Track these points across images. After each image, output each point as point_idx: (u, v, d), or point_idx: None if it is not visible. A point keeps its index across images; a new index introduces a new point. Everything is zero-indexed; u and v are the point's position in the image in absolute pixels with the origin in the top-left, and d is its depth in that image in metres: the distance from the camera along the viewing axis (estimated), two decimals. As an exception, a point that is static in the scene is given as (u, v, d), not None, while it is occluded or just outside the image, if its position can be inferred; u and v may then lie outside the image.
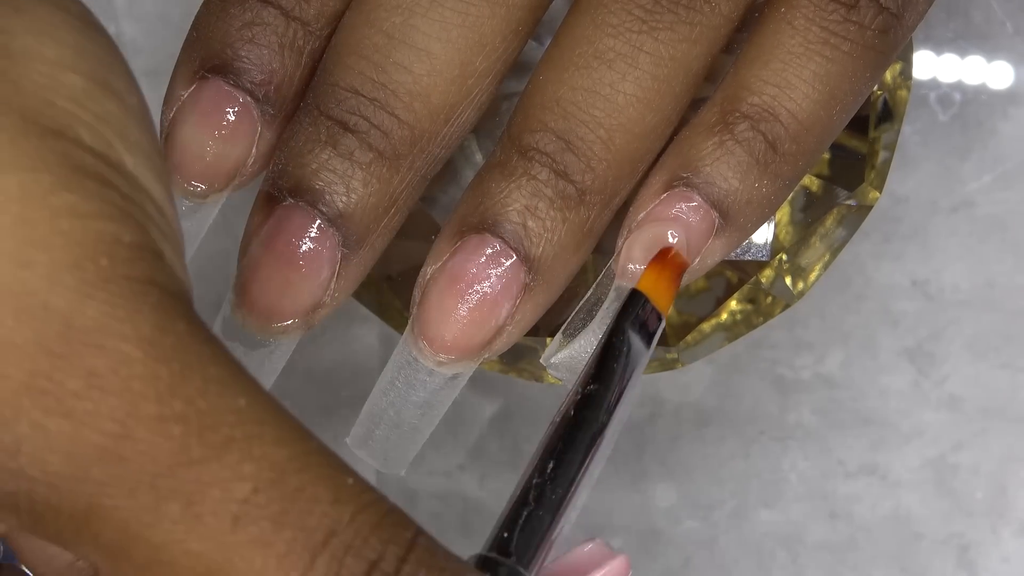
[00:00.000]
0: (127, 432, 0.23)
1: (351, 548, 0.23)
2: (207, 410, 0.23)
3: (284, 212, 0.32)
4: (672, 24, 0.31)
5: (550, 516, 0.27)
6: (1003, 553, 0.43)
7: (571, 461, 0.28)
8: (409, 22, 0.31)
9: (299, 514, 0.23)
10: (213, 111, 0.32)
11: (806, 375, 0.44)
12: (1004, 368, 0.44)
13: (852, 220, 0.37)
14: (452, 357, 0.32)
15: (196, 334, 0.24)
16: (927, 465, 0.44)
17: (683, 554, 0.44)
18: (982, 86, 0.45)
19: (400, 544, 0.23)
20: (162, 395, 0.23)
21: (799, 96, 0.32)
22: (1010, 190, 0.44)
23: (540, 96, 0.32)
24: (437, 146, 0.32)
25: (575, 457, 0.29)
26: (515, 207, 0.32)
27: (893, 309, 0.44)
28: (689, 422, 0.44)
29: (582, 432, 0.29)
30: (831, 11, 0.32)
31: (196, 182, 0.32)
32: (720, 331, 0.37)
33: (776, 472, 0.44)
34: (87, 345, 0.23)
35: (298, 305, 0.32)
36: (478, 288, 0.32)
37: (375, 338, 0.44)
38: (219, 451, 0.23)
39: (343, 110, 0.31)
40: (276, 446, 0.23)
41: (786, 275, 0.37)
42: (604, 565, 0.27)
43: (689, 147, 0.32)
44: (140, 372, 0.23)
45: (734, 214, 0.32)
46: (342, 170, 0.31)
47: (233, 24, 0.32)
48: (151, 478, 0.23)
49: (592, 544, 0.28)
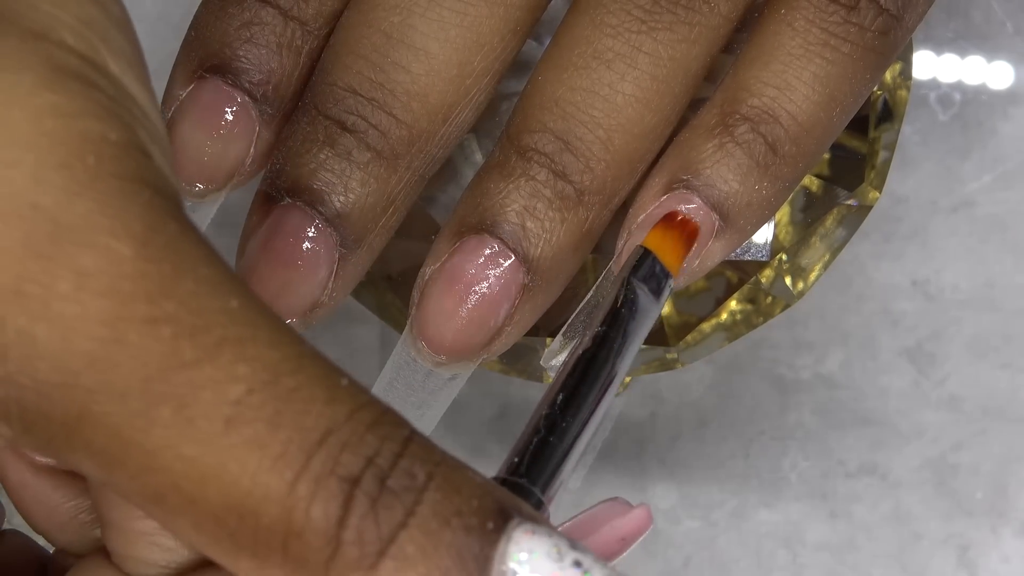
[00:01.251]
0: (117, 336, 0.22)
1: (348, 445, 0.22)
2: (199, 311, 0.23)
3: (282, 212, 0.32)
4: (671, 24, 0.31)
5: (560, 443, 0.27)
6: (1003, 553, 0.43)
7: (582, 394, 0.28)
8: (407, 22, 0.31)
9: (295, 414, 0.22)
10: (211, 111, 0.32)
11: (806, 375, 0.44)
12: (1004, 368, 0.44)
13: (852, 220, 0.37)
14: (451, 358, 0.32)
15: (187, 234, 0.23)
16: (927, 465, 0.44)
17: (683, 554, 0.44)
18: (982, 86, 0.45)
19: (396, 440, 0.23)
20: (153, 295, 0.22)
21: (799, 98, 0.32)
22: (1010, 190, 0.44)
23: (539, 96, 0.32)
24: (435, 146, 0.32)
25: (585, 391, 0.28)
26: (514, 208, 0.32)
27: (893, 309, 0.44)
28: (689, 422, 0.44)
29: (592, 369, 0.29)
30: (831, 13, 0.32)
31: (195, 182, 0.32)
32: (720, 331, 0.37)
33: (776, 472, 0.44)
34: (76, 244, 0.22)
35: (296, 305, 0.32)
36: (477, 289, 0.32)
37: (375, 338, 0.44)
38: (212, 352, 0.22)
39: (341, 110, 0.31)
40: (270, 347, 0.23)
41: (786, 275, 0.37)
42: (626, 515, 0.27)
43: (689, 149, 0.32)
44: (130, 271, 0.22)
45: (734, 216, 0.32)
46: (340, 170, 0.31)
47: (231, 24, 0.32)
48: (142, 383, 0.22)
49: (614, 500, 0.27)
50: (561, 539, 0.23)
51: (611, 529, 0.27)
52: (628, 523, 0.27)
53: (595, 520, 0.27)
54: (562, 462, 0.27)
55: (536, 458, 0.27)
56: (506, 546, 0.23)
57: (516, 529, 0.23)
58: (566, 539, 0.23)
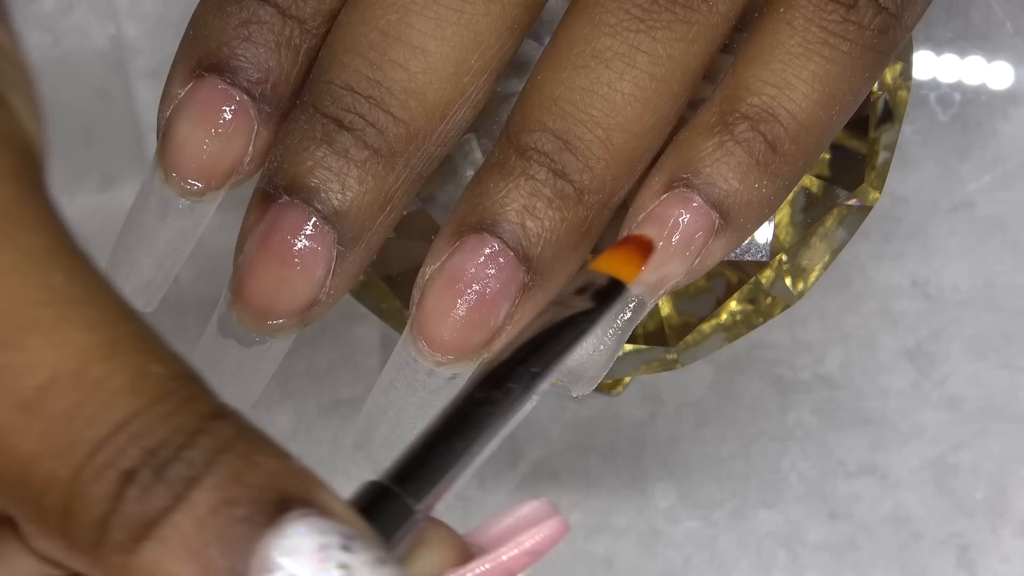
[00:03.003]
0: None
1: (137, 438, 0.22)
2: (17, 286, 0.22)
3: (279, 210, 0.32)
4: (670, 23, 0.31)
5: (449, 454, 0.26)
6: (1003, 553, 0.43)
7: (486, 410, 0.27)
8: (404, 20, 0.31)
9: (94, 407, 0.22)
10: (210, 109, 0.32)
11: (806, 375, 0.44)
12: (1004, 368, 0.44)
13: (852, 220, 0.37)
14: (451, 357, 0.32)
15: (23, 198, 0.22)
16: (927, 465, 0.44)
17: (683, 554, 0.44)
18: (982, 86, 0.45)
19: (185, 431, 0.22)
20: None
21: (799, 96, 0.32)
22: (1010, 190, 0.44)
23: (538, 96, 0.32)
24: (433, 144, 0.32)
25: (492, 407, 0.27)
26: (513, 207, 0.31)
27: (893, 309, 0.44)
28: (689, 422, 0.44)
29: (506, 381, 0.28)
30: (830, 11, 0.32)
31: (193, 180, 0.32)
32: (720, 331, 0.37)
33: (776, 472, 0.44)
34: None
35: (293, 303, 0.32)
36: (477, 288, 0.32)
37: (375, 338, 0.44)
38: (21, 334, 0.22)
39: (339, 107, 0.31)
40: (84, 331, 0.22)
41: (786, 275, 0.37)
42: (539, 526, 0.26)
43: (689, 148, 0.32)
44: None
45: (734, 215, 0.32)
46: (337, 168, 0.31)
47: (230, 22, 0.32)
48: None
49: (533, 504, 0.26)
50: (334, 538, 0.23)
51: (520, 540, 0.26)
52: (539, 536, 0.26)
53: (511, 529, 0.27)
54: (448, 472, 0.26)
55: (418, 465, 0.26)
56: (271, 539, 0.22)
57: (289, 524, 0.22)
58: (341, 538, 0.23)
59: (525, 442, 0.44)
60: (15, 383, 0.22)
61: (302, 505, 0.23)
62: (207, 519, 0.22)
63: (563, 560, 0.44)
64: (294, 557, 0.22)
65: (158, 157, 0.33)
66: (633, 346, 0.38)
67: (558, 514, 0.26)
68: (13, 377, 0.22)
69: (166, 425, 0.22)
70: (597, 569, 0.43)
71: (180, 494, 0.22)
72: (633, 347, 0.38)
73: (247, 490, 0.22)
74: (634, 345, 0.38)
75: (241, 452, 0.23)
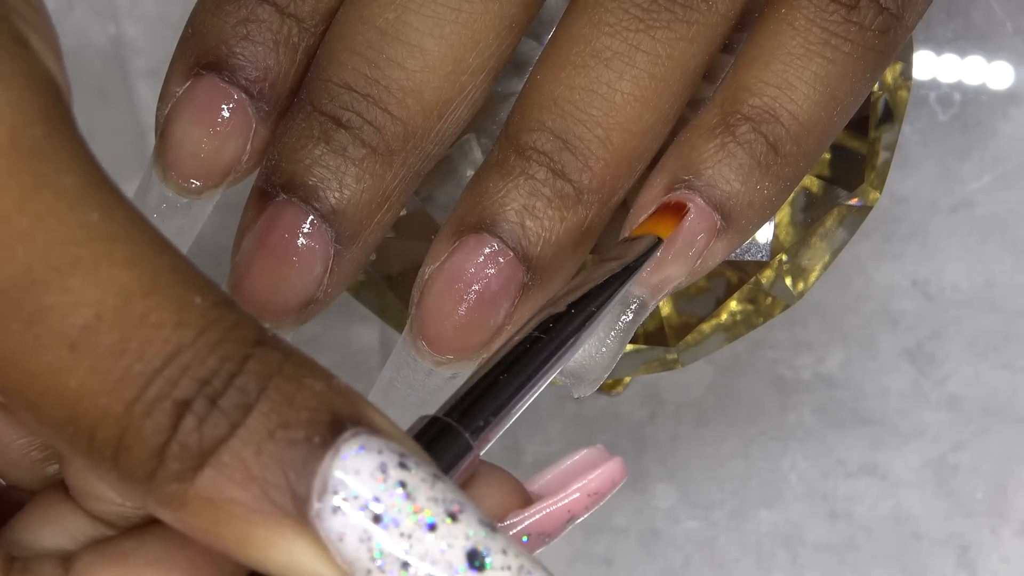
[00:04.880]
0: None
1: (187, 369, 0.22)
2: (55, 227, 0.22)
3: (277, 208, 0.32)
4: (669, 23, 0.31)
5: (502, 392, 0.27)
6: (1003, 553, 0.43)
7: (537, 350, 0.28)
8: (402, 18, 0.31)
9: (140, 341, 0.22)
10: (208, 108, 0.32)
11: (806, 375, 0.44)
12: (1004, 368, 0.44)
13: (852, 220, 0.37)
14: (451, 357, 0.32)
15: (54, 137, 0.22)
16: (927, 465, 0.44)
17: (683, 554, 0.44)
18: (982, 86, 0.45)
19: (235, 359, 0.23)
20: (8, 213, 0.22)
21: (800, 97, 0.32)
22: (1010, 190, 0.44)
23: (537, 95, 0.32)
24: (430, 142, 0.32)
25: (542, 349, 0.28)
26: (513, 206, 0.32)
27: (893, 309, 0.44)
28: (689, 422, 0.44)
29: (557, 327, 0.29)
30: (831, 12, 0.32)
31: (191, 178, 0.32)
32: (720, 331, 0.37)
33: (776, 472, 0.44)
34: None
35: (291, 301, 0.32)
36: (476, 288, 0.32)
37: (375, 338, 0.44)
38: (63, 274, 0.22)
39: (336, 106, 0.31)
40: (124, 267, 0.22)
41: (786, 275, 0.37)
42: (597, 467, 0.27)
43: (690, 149, 0.32)
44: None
45: (736, 216, 0.32)
46: (335, 166, 0.31)
47: (228, 21, 0.32)
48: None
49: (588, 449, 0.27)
50: (392, 456, 0.23)
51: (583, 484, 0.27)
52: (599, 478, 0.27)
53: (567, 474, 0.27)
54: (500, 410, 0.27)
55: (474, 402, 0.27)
56: (331, 460, 0.23)
57: (345, 443, 0.23)
58: (398, 455, 0.23)
59: (525, 440, 0.44)
60: (60, 323, 0.22)
61: (354, 424, 0.23)
62: (265, 443, 0.22)
63: (563, 560, 0.44)
64: (355, 476, 0.23)
65: (156, 155, 0.33)
66: (633, 346, 0.38)
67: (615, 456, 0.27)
68: (58, 318, 0.22)
69: (215, 355, 0.23)
70: (597, 569, 0.43)
71: (237, 421, 0.22)
72: (633, 347, 0.38)
73: (300, 412, 0.23)
74: (634, 345, 0.38)
75: (289, 375, 0.23)
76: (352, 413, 0.23)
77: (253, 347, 0.23)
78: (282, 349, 0.23)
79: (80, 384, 0.22)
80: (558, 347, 0.29)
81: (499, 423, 0.27)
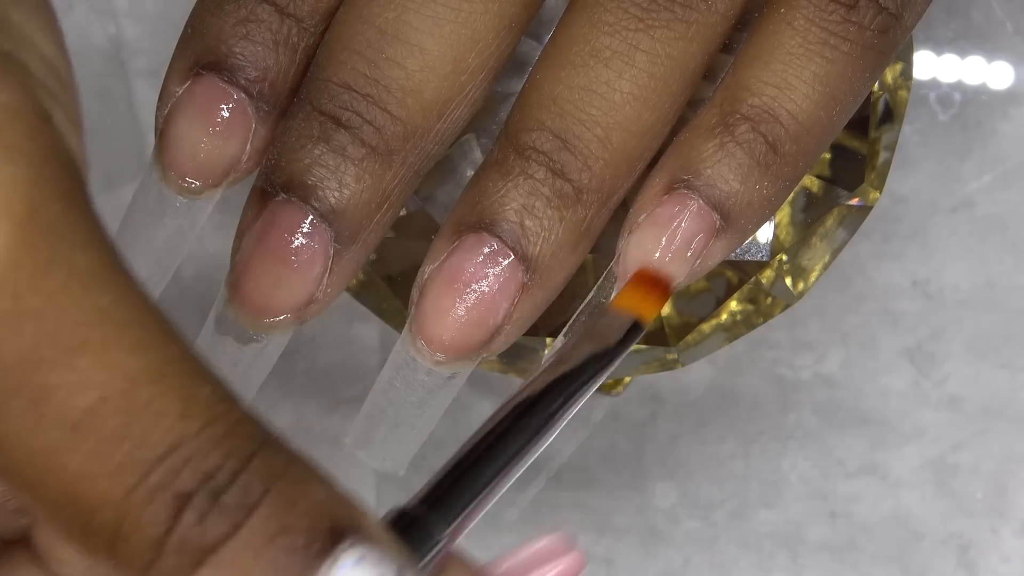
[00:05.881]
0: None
1: (190, 461, 0.22)
2: (67, 307, 0.22)
3: (276, 207, 0.32)
4: (668, 22, 0.31)
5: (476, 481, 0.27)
6: (1003, 553, 0.43)
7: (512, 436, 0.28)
8: (402, 18, 0.31)
9: (143, 428, 0.22)
10: (207, 108, 0.32)
11: (806, 375, 0.44)
12: (1004, 368, 0.44)
13: (852, 220, 0.37)
14: (450, 357, 0.32)
15: (71, 215, 0.22)
16: (927, 465, 0.44)
17: (683, 554, 0.44)
18: (982, 86, 0.45)
19: (239, 456, 0.23)
20: (20, 290, 0.22)
21: (799, 97, 0.32)
22: (1010, 190, 0.44)
23: (537, 95, 0.32)
24: (430, 142, 0.32)
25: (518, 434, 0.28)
26: (512, 206, 0.32)
27: (893, 309, 0.44)
28: (689, 422, 0.44)
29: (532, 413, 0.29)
30: (831, 12, 0.32)
31: (190, 179, 0.32)
32: (720, 331, 0.37)
33: (776, 472, 0.44)
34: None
35: (290, 300, 0.32)
36: (476, 287, 0.32)
37: (375, 338, 0.44)
38: (70, 355, 0.22)
39: (336, 106, 0.32)
40: (133, 353, 0.22)
41: (786, 275, 0.37)
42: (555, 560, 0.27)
43: (689, 149, 0.32)
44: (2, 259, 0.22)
45: (735, 216, 0.32)
46: (334, 166, 0.31)
47: (228, 21, 0.32)
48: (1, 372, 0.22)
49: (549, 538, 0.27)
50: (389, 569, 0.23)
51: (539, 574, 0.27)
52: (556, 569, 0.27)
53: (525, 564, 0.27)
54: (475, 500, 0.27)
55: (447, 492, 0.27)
56: (329, 569, 0.23)
57: (344, 553, 0.23)
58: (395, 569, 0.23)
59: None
60: (65, 403, 0.22)
61: (353, 534, 0.23)
62: (265, 547, 0.22)
63: (563, 560, 0.44)
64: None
65: (156, 155, 0.33)
66: (633, 346, 0.38)
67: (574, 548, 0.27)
68: (63, 397, 0.22)
69: (219, 449, 0.23)
70: (597, 569, 0.43)
71: (239, 521, 0.22)
72: (633, 347, 0.38)
73: (301, 519, 0.23)
74: (634, 345, 0.38)
75: (293, 480, 0.23)
76: (353, 523, 0.23)
77: (259, 446, 0.23)
78: (286, 451, 0.23)
79: (81, 466, 0.22)
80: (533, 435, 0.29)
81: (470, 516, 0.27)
